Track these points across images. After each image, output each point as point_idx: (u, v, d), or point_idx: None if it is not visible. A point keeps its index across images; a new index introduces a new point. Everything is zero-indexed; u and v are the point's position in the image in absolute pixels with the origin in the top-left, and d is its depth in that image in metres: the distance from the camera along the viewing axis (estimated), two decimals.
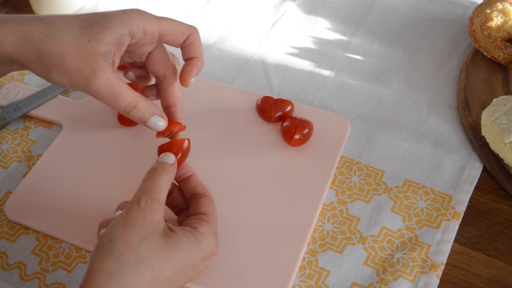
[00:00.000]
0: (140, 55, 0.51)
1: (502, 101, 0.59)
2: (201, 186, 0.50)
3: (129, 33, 0.47)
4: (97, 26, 0.45)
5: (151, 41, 0.49)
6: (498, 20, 0.66)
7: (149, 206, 0.43)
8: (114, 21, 0.46)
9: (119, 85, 0.45)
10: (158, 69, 0.51)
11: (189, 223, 0.47)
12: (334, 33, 0.74)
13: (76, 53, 0.44)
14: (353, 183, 0.57)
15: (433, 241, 0.52)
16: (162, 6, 0.79)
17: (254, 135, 0.60)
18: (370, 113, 0.64)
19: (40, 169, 0.59)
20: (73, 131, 0.62)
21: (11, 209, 0.56)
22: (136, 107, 0.46)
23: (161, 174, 0.46)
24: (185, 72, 0.50)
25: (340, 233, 0.54)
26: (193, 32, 0.50)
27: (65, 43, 0.44)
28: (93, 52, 0.45)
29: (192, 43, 0.50)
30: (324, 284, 0.50)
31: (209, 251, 0.45)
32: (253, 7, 0.78)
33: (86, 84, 0.44)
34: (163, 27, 0.48)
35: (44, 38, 0.44)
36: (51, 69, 0.45)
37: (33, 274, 0.52)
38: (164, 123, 0.49)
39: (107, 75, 0.45)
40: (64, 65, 0.44)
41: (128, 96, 0.46)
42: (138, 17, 0.47)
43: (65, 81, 0.45)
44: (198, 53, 0.50)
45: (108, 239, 0.41)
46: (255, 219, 0.53)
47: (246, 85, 0.68)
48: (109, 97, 0.45)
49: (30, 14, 0.48)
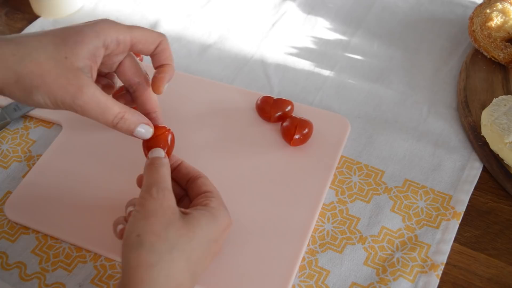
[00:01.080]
0: (111, 65, 0.51)
1: (502, 101, 0.59)
2: (194, 170, 0.51)
3: (103, 45, 0.46)
4: (71, 41, 0.45)
5: (123, 51, 0.49)
6: (498, 20, 0.66)
7: (161, 195, 0.44)
8: (87, 34, 0.45)
9: (105, 98, 0.45)
10: (131, 78, 0.51)
11: (197, 202, 0.48)
12: (334, 33, 0.74)
13: (57, 71, 0.44)
14: (353, 183, 0.57)
15: (433, 241, 0.52)
16: (162, 6, 0.79)
17: (254, 135, 0.60)
18: (370, 113, 0.64)
19: (40, 169, 0.59)
20: (73, 131, 0.62)
21: (11, 209, 0.56)
22: (123, 118, 0.46)
23: (161, 165, 0.47)
24: (159, 79, 0.50)
25: (340, 233, 0.54)
26: (163, 39, 0.50)
27: (43, 63, 0.43)
28: (72, 68, 0.44)
29: (162, 50, 0.50)
30: (324, 284, 0.50)
31: (225, 223, 0.47)
32: (253, 7, 0.78)
33: (72, 101, 0.44)
34: (135, 35, 0.48)
35: (20, 60, 0.43)
36: (32, 91, 0.44)
37: (33, 274, 0.52)
38: (151, 130, 0.49)
39: (92, 90, 0.44)
40: (47, 86, 0.43)
41: (115, 108, 0.46)
42: (110, 28, 0.47)
43: (49, 102, 0.44)
44: (169, 60, 0.51)
45: (135, 234, 0.42)
46: (255, 219, 0.53)
47: (246, 85, 0.68)
48: (97, 111, 0.45)
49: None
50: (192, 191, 0.50)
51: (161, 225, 0.42)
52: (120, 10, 0.78)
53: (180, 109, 0.63)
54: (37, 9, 0.78)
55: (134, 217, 0.43)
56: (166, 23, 0.76)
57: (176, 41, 0.74)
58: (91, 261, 0.52)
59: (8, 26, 0.78)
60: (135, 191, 0.51)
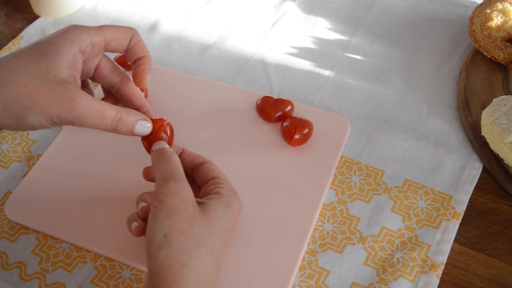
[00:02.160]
0: (88, 71, 0.50)
1: (502, 101, 0.59)
2: (197, 156, 0.51)
3: (80, 51, 0.46)
4: (48, 54, 0.44)
5: (99, 52, 0.48)
6: (498, 20, 0.66)
7: (180, 187, 0.44)
8: (62, 44, 0.45)
9: (98, 103, 0.45)
10: (111, 78, 0.51)
11: (208, 190, 0.48)
12: (334, 33, 0.74)
13: (44, 88, 0.43)
14: (353, 183, 0.57)
15: (433, 241, 0.52)
16: (162, 6, 0.79)
17: (254, 135, 0.60)
18: (370, 113, 0.64)
19: (40, 169, 0.59)
20: (73, 131, 0.62)
21: (11, 209, 0.56)
22: (121, 119, 0.46)
23: (170, 155, 0.46)
24: (140, 72, 0.49)
25: (340, 233, 0.54)
26: (134, 32, 0.50)
27: (28, 83, 0.42)
28: (58, 81, 0.43)
29: (136, 44, 0.50)
30: (324, 284, 0.50)
31: (237, 209, 0.48)
32: (253, 7, 0.78)
33: (68, 114, 0.43)
34: (107, 35, 0.48)
35: (3, 86, 0.42)
36: (24, 114, 0.43)
37: (33, 274, 0.52)
38: (150, 125, 0.48)
39: (84, 98, 0.44)
40: (39, 104, 0.42)
41: (111, 111, 0.45)
42: (81, 33, 0.46)
43: (44, 121, 0.43)
44: (145, 51, 0.50)
45: (161, 235, 0.41)
46: (255, 219, 0.53)
47: (246, 85, 0.68)
48: (94, 118, 0.44)
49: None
50: (199, 177, 0.50)
51: (185, 222, 0.42)
52: (120, 10, 0.78)
53: (180, 109, 0.63)
54: (37, 9, 0.78)
55: (156, 216, 0.43)
56: (166, 23, 0.76)
57: (176, 41, 0.74)
58: (91, 261, 0.52)
59: (8, 26, 0.78)
60: (136, 190, 0.51)
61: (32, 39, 0.75)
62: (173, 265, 0.40)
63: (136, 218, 0.47)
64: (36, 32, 0.76)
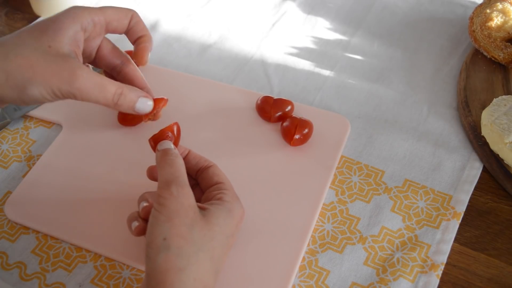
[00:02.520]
0: (90, 52, 0.51)
1: (502, 101, 0.59)
2: (203, 159, 0.51)
3: (81, 28, 0.47)
4: (50, 30, 0.45)
5: (100, 32, 0.49)
6: (498, 20, 0.66)
7: (181, 192, 0.43)
8: (64, 21, 0.46)
9: (100, 77, 0.45)
10: (112, 59, 0.51)
11: (211, 195, 0.48)
12: (334, 33, 0.74)
13: (45, 60, 0.43)
14: (353, 183, 0.57)
15: (433, 241, 0.52)
16: (162, 6, 0.79)
17: (254, 135, 0.60)
18: (370, 113, 0.64)
19: (40, 169, 0.59)
20: (73, 131, 0.62)
21: (11, 209, 0.56)
22: (122, 94, 0.46)
23: (174, 158, 0.46)
24: (141, 49, 0.50)
25: (340, 233, 0.54)
26: (134, 13, 0.50)
27: (30, 55, 0.43)
28: (59, 55, 0.44)
29: (136, 23, 0.50)
30: (324, 284, 0.50)
31: (239, 215, 0.47)
32: (253, 7, 0.78)
33: (70, 85, 0.44)
34: (108, 14, 0.49)
35: (4, 58, 0.43)
36: (26, 85, 0.43)
37: (33, 274, 0.52)
38: (151, 102, 0.49)
39: (85, 71, 0.44)
40: (40, 76, 0.43)
41: (112, 85, 0.46)
42: (83, 11, 0.47)
43: (45, 93, 0.44)
44: (145, 31, 0.51)
45: (161, 238, 0.41)
46: (255, 219, 0.53)
47: (246, 85, 0.68)
48: (96, 91, 0.45)
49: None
50: (203, 181, 0.50)
51: (185, 226, 0.42)
52: None
53: (180, 109, 0.63)
54: (37, 9, 0.78)
55: (157, 219, 0.42)
56: (166, 23, 0.76)
57: (176, 41, 0.74)
58: (91, 261, 0.52)
59: (8, 26, 0.78)
60: (135, 191, 0.51)
61: None
62: (171, 269, 0.40)
63: (137, 218, 0.46)
64: None
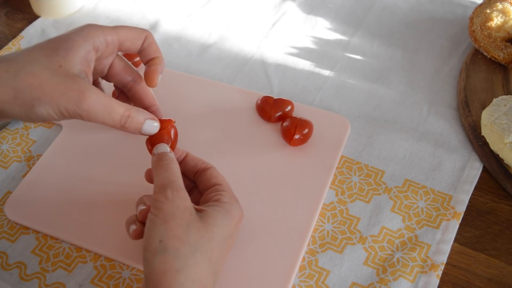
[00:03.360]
0: (102, 69, 0.51)
1: (502, 101, 0.59)
2: (201, 161, 0.51)
3: (93, 48, 0.47)
4: (62, 49, 0.45)
5: (112, 52, 0.49)
6: (498, 20, 0.66)
7: (177, 196, 0.44)
8: (76, 40, 0.46)
9: (108, 99, 0.45)
10: (124, 77, 0.52)
11: (209, 197, 0.48)
12: (334, 33, 0.74)
13: (55, 80, 0.43)
14: (353, 183, 0.57)
15: (433, 241, 0.52)
16: (162, 6, 0.79)
17: (254, 135, 0.60)
18: (370, 113, 0.64)
19: (40, 169, 0.59)
20: (73, 131, 0.62)
21: (11, 209, 0.56)
22: (130, 116, 0.46)
23: (169, 162, 0.46)
24: (151, 72, 0.50)
25: (340, 233, 0.54)
26: (148, 34, 0.51)
27: (40, 74, 0.43)
28: (69, 75, 0.44)
29: (150, 45, 0.51)
30: (324, 284, 0.50)
31: (238, 217, 0.47)
32: (253, 7, 0.78)
33: (77, 107, 0.44)
34: (121, 34, 0.49)
35: (15, 75, 0.43)
36: (34, 104, 0.43)
37: (33, 274, 0.52)
38: (158, 124, 0.49)
39: (94, 92, 0.44)
40: (48, 95, 0.43)
41: (120, 107, 0.46)
42: (96, 30, 0.47)
43: (52, 112, 0.44)
44: (158, 52, 0.51)
45: (157, 240, 0.41)
46: (255, 219, 0.53)
47: (246, 85, 0.68)
48: (103, 113, 0.45)
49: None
50: (201, 183, 0.50)
51: (181, 228, 0.42)
52: (120, 10, 0.78)
53: (180, 109, 0.63)
54: (37, 9, 0.78)
55: (153, 222, 0.43)
56: (166, 23, 0.76)
57: (176, 41, 0.74)
58: (91, 261, 0.52)
59: (8, 26, 0.78)
60: (135, 191, 0.51)
61: (32, 39, 0.75)
62: (168, 271, 0.40)
63: (134, 221, 0.47)
64: (36, 32, 0.76)
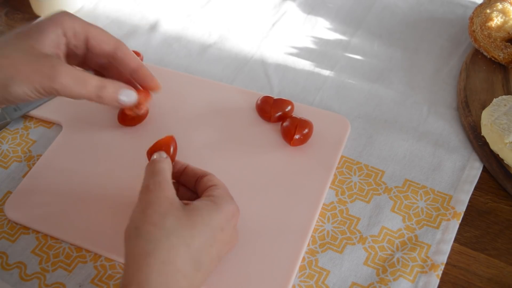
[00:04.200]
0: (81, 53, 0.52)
1: (502, 101, 0.59)
2: (200, 170, 0.51)
3: (63, 33, 0.49)
4: (34, 32, 0.47)
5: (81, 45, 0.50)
6: (498, 20, 0.66)
7: (158, 186, 0.45)
8: (48, 25, 0.48)
9: (81, 72, 0.47)
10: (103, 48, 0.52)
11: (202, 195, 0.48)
12: (334, 33, 0.74)
13: (28, 59, 0.45)
14: (353, 183, 0.57)
15: (433, 241, 0.52)
16: (162, 6, 0.79)
17: (254, 135, 0.60)
18: (370, 113, 0.64)
19: (40, 169, 0.59)
20: (73, 131, 0.62)
21: (11, 209, 0.56)
22: (105, 87, 0.48)
23: (159, 162, 0.48)
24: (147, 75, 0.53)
25: (340, 233, 0.54)
26: (121, 44, 0.52)
27: (12, 55, 0.45)
28: (42, 55, 0.46)
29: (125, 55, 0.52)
30: (324, 284, 0.50)
31: (230, 211, 0.47)
32: (253, 7, 0.78)
33: (51, 81, 0.45)
34: (90, 31, 0.50)
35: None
36: (8, 83, 0.45)
37: (33, 274, 0.52)
38: (135, 94, 0.51)
39: (66, 66, 0.46)
40: (22, 73, 0.45)
41: (94, 79, 0.48)
42: (67, 18, 0.49)
43: (28, 90, 0.45)
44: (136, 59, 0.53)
45: (133, 227, 0.43)
46: (255, 219, 0.53)
47: (246, 85, 0.68)
48: (77, 85, 0.46)
49: None
50: (199, 188, 0.50)
51: (157, 215, 0.43)
52: (120, 10, 0.78)
53: (180, 109, 0.63)
54: (37, 9, 0.78)
55: (133, 212, 0.44)
56: (166, 23, 0.76)
57: (176, 41, 0.74)
58: (91, 261, 0.52)
59: (8, 26, 0.78)
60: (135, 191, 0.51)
61: None
62: (139, 254, 0.41)
63: None
64: None
